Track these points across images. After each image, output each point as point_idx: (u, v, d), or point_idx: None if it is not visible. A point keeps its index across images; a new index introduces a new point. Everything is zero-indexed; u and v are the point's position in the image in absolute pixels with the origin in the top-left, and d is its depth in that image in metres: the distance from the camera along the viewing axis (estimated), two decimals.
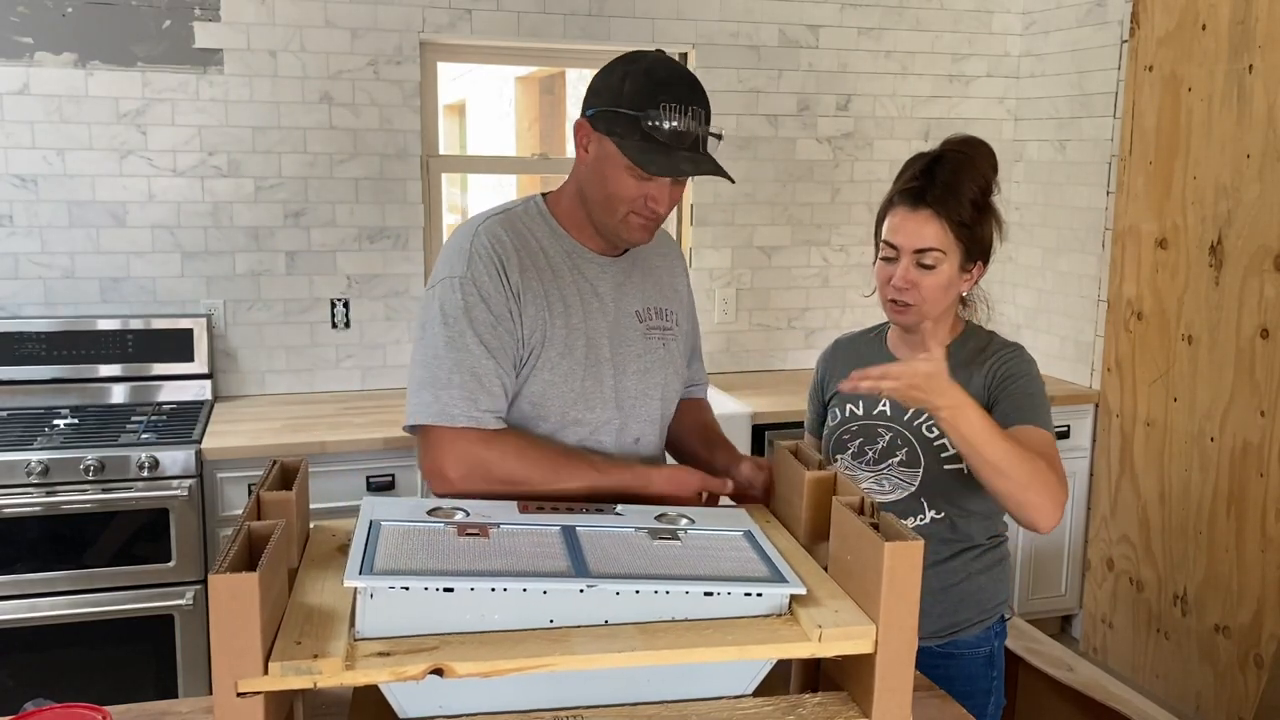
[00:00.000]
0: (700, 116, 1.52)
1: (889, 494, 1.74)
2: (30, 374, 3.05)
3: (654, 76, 1.51)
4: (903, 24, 3.77)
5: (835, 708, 1.15)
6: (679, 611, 1.12)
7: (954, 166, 1.67)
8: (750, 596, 1.13)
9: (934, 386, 1.48)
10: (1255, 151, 2.95)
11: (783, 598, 1.14)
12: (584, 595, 1.09)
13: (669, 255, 1.82)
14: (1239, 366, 3.02)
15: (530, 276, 1.59)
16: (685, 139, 1.50)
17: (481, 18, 3.35)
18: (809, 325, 3.87)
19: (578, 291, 1.63)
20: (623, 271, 1.69)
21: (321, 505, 1.35)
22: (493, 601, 1.08)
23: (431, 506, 1.29)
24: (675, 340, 1.75)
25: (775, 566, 1.19)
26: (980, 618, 1.77)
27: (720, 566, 1.17)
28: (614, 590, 1.10)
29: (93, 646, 2.71)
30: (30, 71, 3.02)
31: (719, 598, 1.12)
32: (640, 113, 1.49)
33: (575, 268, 1.64)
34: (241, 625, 0.97)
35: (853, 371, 1.52)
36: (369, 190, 3.34)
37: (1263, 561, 2.96)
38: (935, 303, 1.70)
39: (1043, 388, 1.72)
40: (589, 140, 1.56)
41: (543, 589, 1.09)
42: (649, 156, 1.49)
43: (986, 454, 1.50)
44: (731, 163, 3.67)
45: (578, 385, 1.60)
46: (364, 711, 1.26)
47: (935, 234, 1.66)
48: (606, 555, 1.17)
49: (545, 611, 1.10)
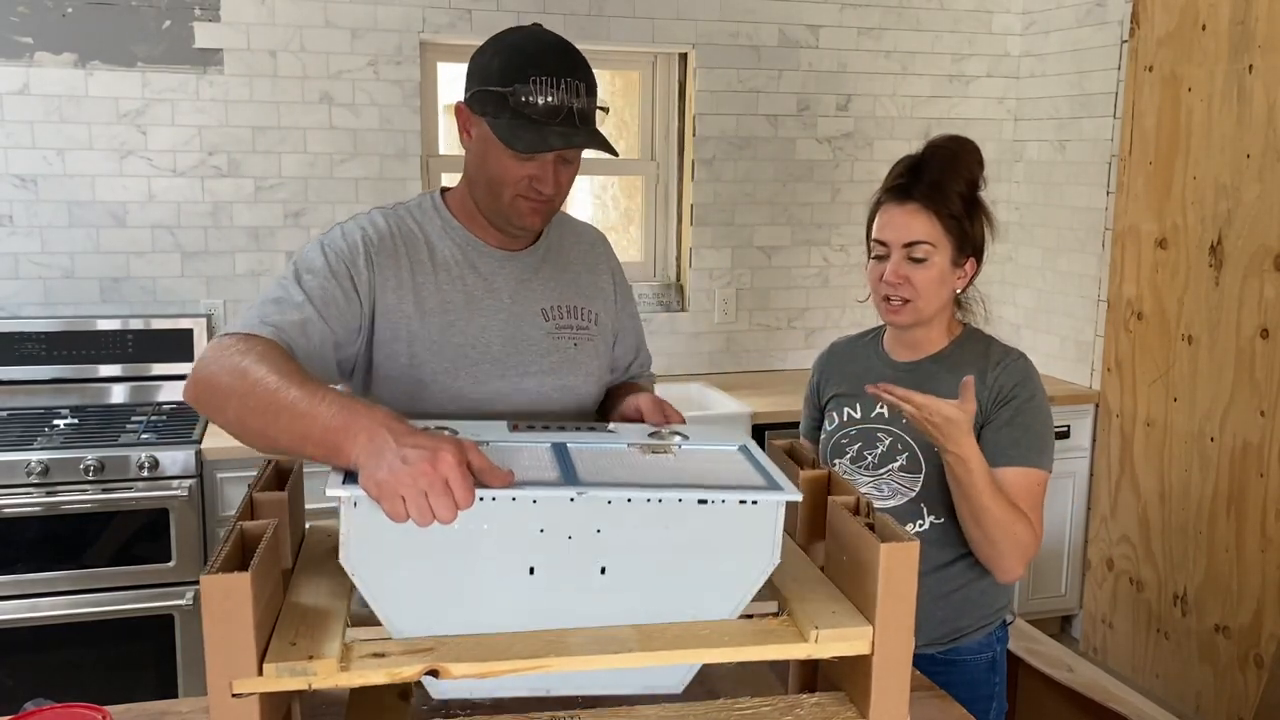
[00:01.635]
0: (577, 89, 1.43)
1: (888, 499, 1.73)
2: (30, 374, 3.05)
3: (523, 51, 1.45)
4: (903, 24, 3.77)
5: (833, 708, 1.15)
6: (672, 521, 1.08)
7: (940, 163, 1.68)
8: (745, 504, 1.09)
9: (951, 433, 1.55)
10: (1255, 151, 2.95)
11: (778, 505, 1.10)
12: (574, 504, 1.06)
13: (591, 251, 1.72)
14: (1239, 366, 3.02)
15: (400, 268, 1.51)
16: (558, 113, 1.42)
17: (481, 18, 3.35)
18: (809, 325, 3.87)
19: (464, 288, 1.55)
20: (527, 268, 1.61)
21: (318, 506, 1.35)
22: (482, 512, 1.04)
23: (422, 426, 1.18)
24: (591, 340, 1.64)
25: (771, 476, 1.15)
26: (981, 623, 1.76)
27: (717, 477, 1.14)
28: (605, 499, 1.07)
29: (93, 646, 2.71)
30: (30, 71, 3.03)
31: (713, 505, 1.09)
32: (508, 89, 1.42)
33: (469, 263, 1.56)
34: (235, 626, 0.97)
35: (878, 382, 1.60)
36: (369, 190, 3.34)
37: (1263, 561, 2.96)
38: (929, 298, 1.69)
39: (1045, 410, 1.71)
40: (470, 124, 1.50)
41: (532, 498, 1.05)
42: (517, 134, 1.42)
43: (974, 505, 1.60)
44: (732, 163, 3.67)
45: (451, 386, 1.52)
46: (361, 712, 1.26)
47: (924, 226, 1.66)
48: (599, 468, 1.14)
49: (535, 521, 1.06)
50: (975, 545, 1.66)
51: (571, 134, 1.44)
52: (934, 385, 1.72)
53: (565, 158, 1.50)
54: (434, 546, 1.05)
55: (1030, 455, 1.66)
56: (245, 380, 1.22)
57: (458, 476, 1.01)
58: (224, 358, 1.27)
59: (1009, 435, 1.66)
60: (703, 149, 3.65)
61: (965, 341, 1.77)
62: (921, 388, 1.72)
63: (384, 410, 1.12)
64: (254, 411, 1.20)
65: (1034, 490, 1.66)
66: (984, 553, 1.65)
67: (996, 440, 1.66)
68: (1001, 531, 1.60)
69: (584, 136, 1.46)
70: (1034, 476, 1.66)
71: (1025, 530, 1.62)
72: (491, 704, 1.35)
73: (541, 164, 1.48)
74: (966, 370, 1.71)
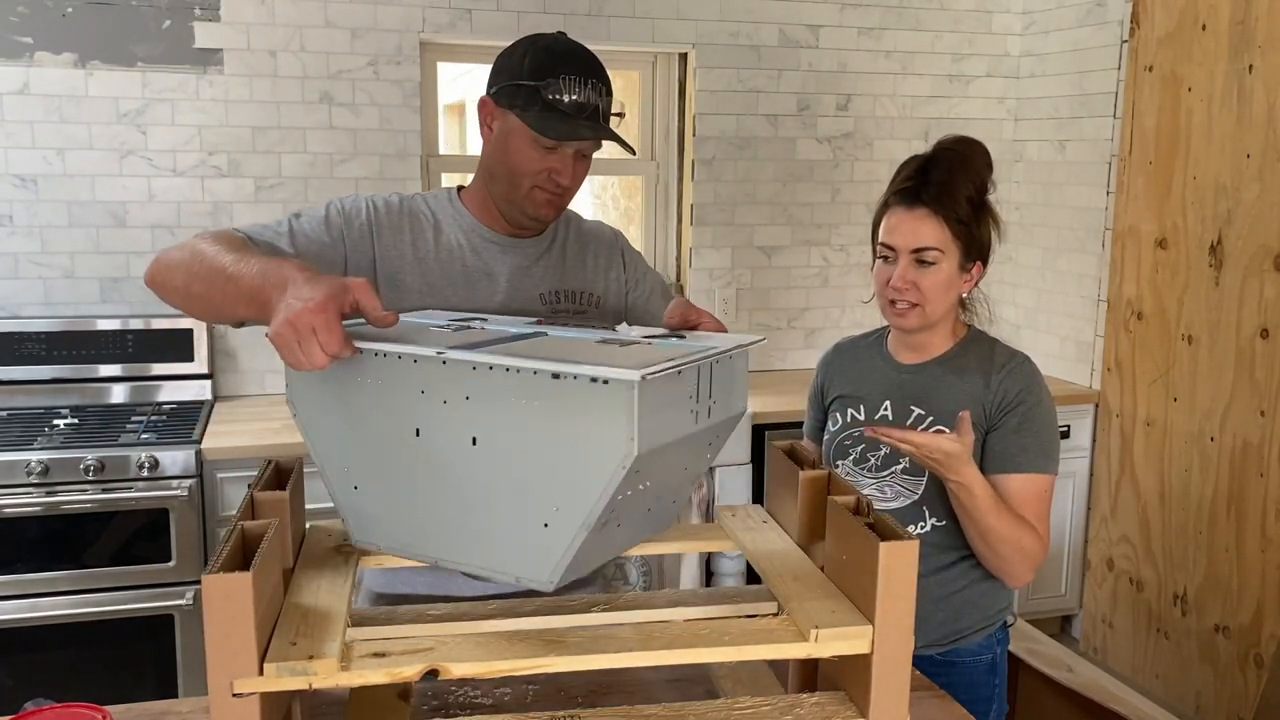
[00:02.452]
0: (600, 89, 1.54)
1: (891, 501, 1.73)
2: (30, 374, 3.05)
3: (553, 51, 1.55)
4: (903, 24, 3.77)
5: (833, 708, 1.15)
6: (532, 394, 1.06)
7: (949, 165, 1.67)
8: (597, 382, 1.03)
9: (952, 465, 1.57)
10: (1255, 151, 2.95)
11: (631, 385, 1.01)
12: (447, 368, 1.09)
13: (606, 248, 1.75)
14: (1239, 366, 3.02)
15: (400, 239, 1.58)
16: (585, 109, 1.53)
17: (481, 18, 3.35)
18: (809, 325, 3.87)
19: (463, 270, 1.62)
20: (528, 256, 1.66)
21: (318, 506, 1.35)
22: (365, 364, 1.13)
23: (453, 317, 1.34)
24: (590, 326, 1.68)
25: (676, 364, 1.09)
26: (981, 625, 1.76)
27: (613, 360, 1.09)
28: (470, 363, 1.08)
29: (93, 646, 2.71)
30: (30, 71, 3.03)
31: (566, 381, 1.04)
32: (541, 83, 1.51)
33: (470, 247, 1.63)
34: (236, 625, 0.97)
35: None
36: (369, 190, 3.30)
37: (1263, 561, 2.96)
38: (936, 303, 1.69)
39: (1051, 413, 1.71)
40: (493, 117, 1.58)
41: (413, 356, 1.10)
42: (549, 124, 1.51)
43: (980, 526, 1.62)
44: (732, 163, 3.67)
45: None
46: (362, 711, 1.26)
47: (933, 232, 1.66)
48: (531, 346, 1.15)
49: (415, 381, 1.11)
50: (982, 558, 1.68)
51: (600, 129, 1.54)
52: (938, 388, 1.72)
53: (583, 153, 1.58)
54: (340, 395, 1.17)
55: (1038, 461, 1.67)
56: (194, 254, 1.35)
57: (322, 323, 1.08)
58: (185, 242, 1.40)
59: (1017, 442, 1.66)
60: (703, 149, 3.65)
61: (970, 344, 1.76)
62: (926, 390, 1.72)
63: (298, 263, 1.22)
64: (197, 278, 1.32)
65: (1042, 496, 1.67)
66: (991, 564, 1.68)
67: (1004, 448, 1.66)
68: (1009, 547, 1.62)
69: (610, 133, 1.56)
70: (1042, 482, 1.67)
71: (1032, 540, 1.63)
72: (491, 704, 1.36)
73: (562, 157, 1.55)
74: (971, 374, 1.71)
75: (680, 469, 1.20)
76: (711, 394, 1.14)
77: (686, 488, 1.28)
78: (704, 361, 1.11)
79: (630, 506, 1.13)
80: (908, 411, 1.73)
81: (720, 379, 1.16)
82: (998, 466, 1.66)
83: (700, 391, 1.12)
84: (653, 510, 1.21)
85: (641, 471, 1.07)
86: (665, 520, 1.28)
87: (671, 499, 1.26)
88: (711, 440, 1.21)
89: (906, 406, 1.73)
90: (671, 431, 1.09)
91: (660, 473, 1.14)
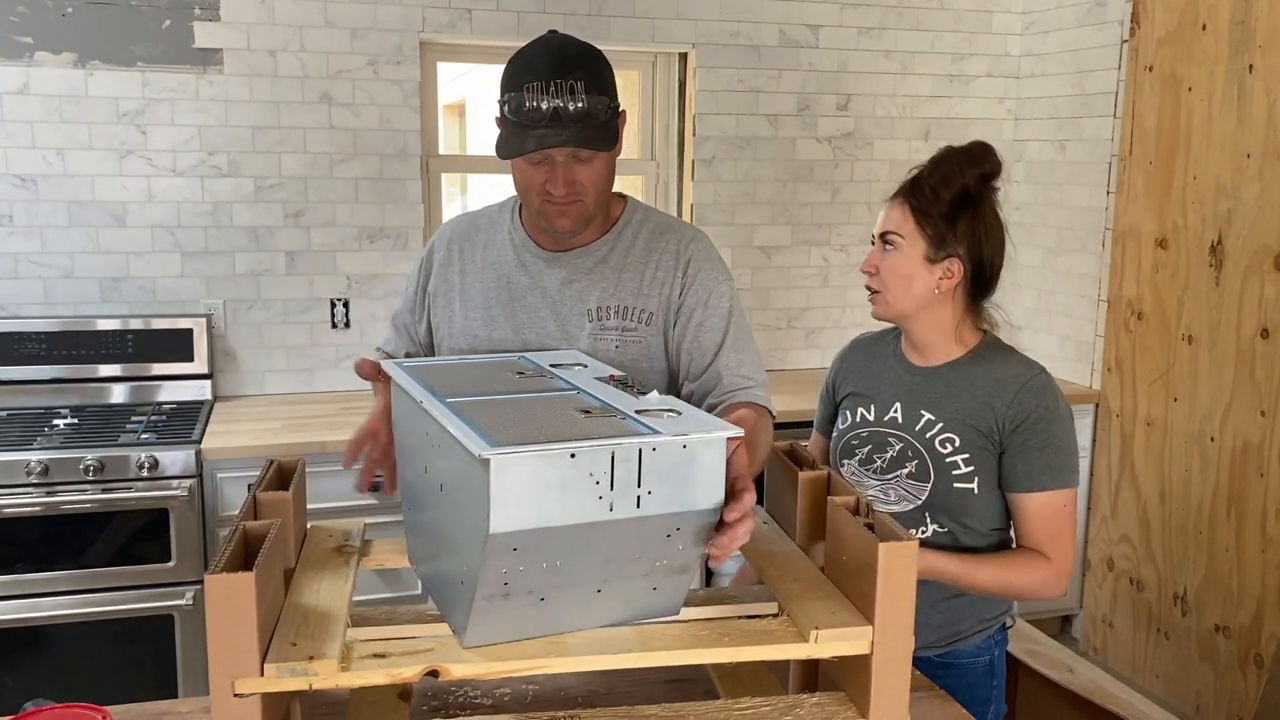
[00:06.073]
0: (572, 88, 1.42)
1: (894, 504, 1.72)
2: (30, 374, 3.05)
3: (523, 58, 1.48)
4: (903, 24, 3.77)
5: (833, 708, 1.15)
6: (451, 453, 1.04)
7: (932, 164, 1.71)
8: (473, 457, 0.96)
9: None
10: (1255, 151, 2.95)
11: (482, 456, 0.94)
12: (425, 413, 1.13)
13: (671, 261, 1.62)
14: (1239, 366, 3.02)
15: (449, 273, 1.70)
16: (541, 117, 1.42)
17: (481, 17, 3.35)
18: (809, 325, 3.87)
19: (509, 290, 1.64)
20: (578, 269, 1.62)
21: (319, 505, 1.35)
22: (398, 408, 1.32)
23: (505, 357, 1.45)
24: (639, 343, 1.60)
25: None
26: (980, 627, 1.75)
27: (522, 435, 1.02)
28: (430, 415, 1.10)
29: (93, 646, 2.71)
30: (30, 71, 3.03)
31: (455, 448, 1.01)
32: (504, 99, 1.48)
33: (519, 262, 1.64)
34: (238, 626, 0.97)
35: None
36: (369, 190, 3.34)
37: (1263, 561, 2.96)
38: (896, 291, 1.69)
39: (1069, 422, 1.69)
40: None
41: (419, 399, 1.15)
42: (505, 141, 1.48)
43: (975, 589, 1.66)
44: (732, 163, 3.67)
45: None
46: (362, 712, 1.26)
47: (896, 217, 1.70)
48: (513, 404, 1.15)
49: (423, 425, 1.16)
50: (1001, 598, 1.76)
51: (548, 135, 1.43)
52: (950, 394, 1.70)
53: (578, 157, 1.48)
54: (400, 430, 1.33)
55: (1062, 476, 1.66)
56: None
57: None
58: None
59: (1040, 460, 1.64)
60: (703, 149, 3.65)
61: (984, 351, 1.74)
62: (937, 395, 1.71)
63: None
64: None
65: (1060, 512, 1.66)
66: (1011, 599, 1.75)
67: (1027, 467, 1.65)
68: (1010, 590, 1.67)
69: (568, 135, 1.43)
70: (1062, 497, 1.66)
71: (1037, 569, 1.64)
72: (491, 704, 1.36)
73: (550, 167, 1.48)
74: (985, 384, 1.68)
75: (626, 554, 1.06)
76: (641, 483, 1.01)
77: (664, 575, 1.11)
78: (612, 448, 0.99)
79: (553, 584, 1.04)
80: (918, 416, 1.71)
81: (659, 469, 1.02)
82: (1020, 486, 1.65)
83: (618, 479, 1.00)
84: (605, 592, 1.09)
85: (527, 550, 0.99)
86: (644, 603, 1.14)
87: (648, 584, 1.11)
88: (670, 532, 1.06)
89: (917, 411, 1.72)
90: (565, 516, 0.99)
91: (579, 555, 1.03)
